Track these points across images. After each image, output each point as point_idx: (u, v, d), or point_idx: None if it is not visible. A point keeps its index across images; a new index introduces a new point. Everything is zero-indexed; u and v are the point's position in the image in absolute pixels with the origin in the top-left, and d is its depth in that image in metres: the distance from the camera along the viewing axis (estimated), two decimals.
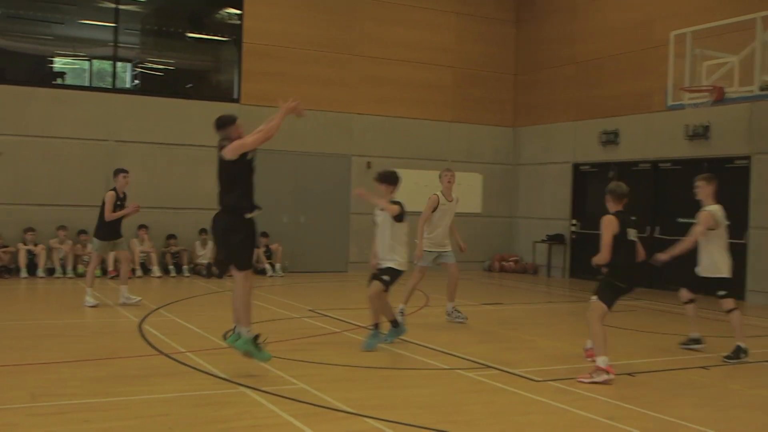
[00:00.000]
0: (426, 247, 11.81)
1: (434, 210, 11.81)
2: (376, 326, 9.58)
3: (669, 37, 15.07)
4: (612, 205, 8.38)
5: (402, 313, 11.25)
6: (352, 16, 20.12)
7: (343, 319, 11.96)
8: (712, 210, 9.78)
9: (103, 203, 12.64)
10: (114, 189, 12.75)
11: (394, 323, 9.85)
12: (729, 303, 9.75)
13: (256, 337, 7.91)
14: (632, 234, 8.27)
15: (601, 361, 8.00)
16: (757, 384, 8.44)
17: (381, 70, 20.45)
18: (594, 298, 8.40)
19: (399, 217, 9.45)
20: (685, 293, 10.25)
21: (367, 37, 20.29)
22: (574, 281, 19.42)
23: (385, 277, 9.40)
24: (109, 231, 12.65)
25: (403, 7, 20.71)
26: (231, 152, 7.81)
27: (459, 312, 11.97)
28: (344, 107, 20.08)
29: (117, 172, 12.95)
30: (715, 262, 9.79)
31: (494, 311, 14.03)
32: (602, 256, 8.08)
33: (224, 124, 8.12)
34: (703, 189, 9.98)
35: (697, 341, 10.31)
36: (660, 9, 18.04)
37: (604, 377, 7.93)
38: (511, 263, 21.33)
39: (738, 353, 9.59)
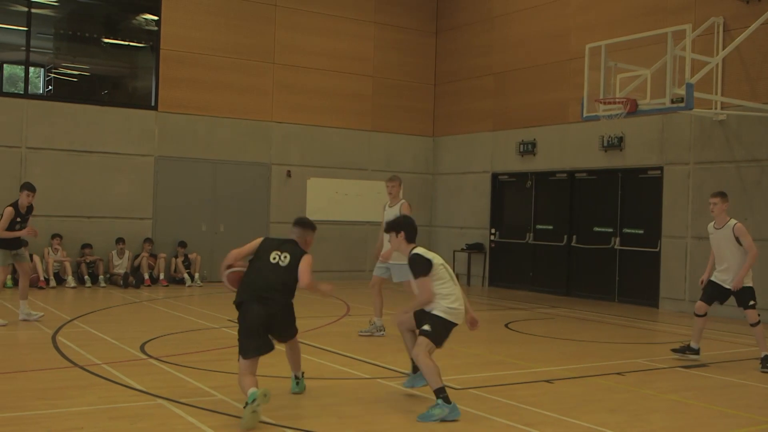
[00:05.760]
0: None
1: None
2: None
3: (584, 50, 15.31)
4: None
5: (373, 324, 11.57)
6: (270, 23, 19.96)
7: None
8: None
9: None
10: (14, 204, 11.90)
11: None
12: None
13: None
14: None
15: None
16: (668, 389, 8.61)
17: (299, 78, 20.35)
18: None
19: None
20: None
21: (285, 45, 20.16)
22: (493, 290, 19.58)
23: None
24: (4, 241, 11.83)
25: (321, 15, 20.66)
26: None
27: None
28: (262, 115, 19.93)
29: (22, 188, 12.12)
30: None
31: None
32: None
33: (305, 225, 7.68)
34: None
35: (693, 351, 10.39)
36: (574, 21, 18.39)
37: None
38: None
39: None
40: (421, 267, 7.21)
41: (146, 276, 17.59)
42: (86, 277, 17.27)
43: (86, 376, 8.27)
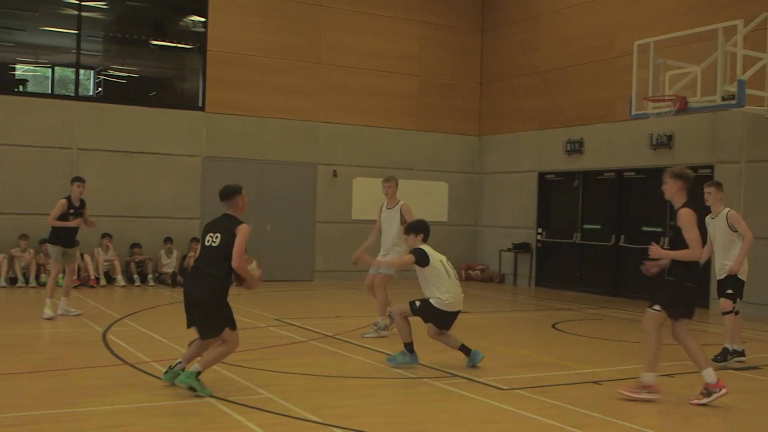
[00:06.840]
0: None
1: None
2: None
3: (632, 47, 15.16)
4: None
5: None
6: (316, 24, 20.08)
7: (309, 328, 11.93)
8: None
9: None
10: (68, 197, 12.41)
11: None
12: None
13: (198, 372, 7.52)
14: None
15: None
16: None
17: (345, 78, 20.43)
18: None
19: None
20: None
21: (331, 46, 20.26)
22: (540, 290, 19.48)
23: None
24: (59, 237, 12.33)
25: (367, 15, 20.73)
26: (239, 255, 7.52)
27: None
28: (309, 116, 20.03)
29: (73, 180, 12.62)
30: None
31: (460, 319, 13.91)
32: None
33: (229, 194, 7.95)
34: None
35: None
36: (622, 18, 18.21)
37: None
38: (477, 272, 21.36)
39: (725, 355, 9.98)
40: (420, 258, 8.92)
41: None
42: (135, 276, 17.52)
43: (135, 374, 8.39)
